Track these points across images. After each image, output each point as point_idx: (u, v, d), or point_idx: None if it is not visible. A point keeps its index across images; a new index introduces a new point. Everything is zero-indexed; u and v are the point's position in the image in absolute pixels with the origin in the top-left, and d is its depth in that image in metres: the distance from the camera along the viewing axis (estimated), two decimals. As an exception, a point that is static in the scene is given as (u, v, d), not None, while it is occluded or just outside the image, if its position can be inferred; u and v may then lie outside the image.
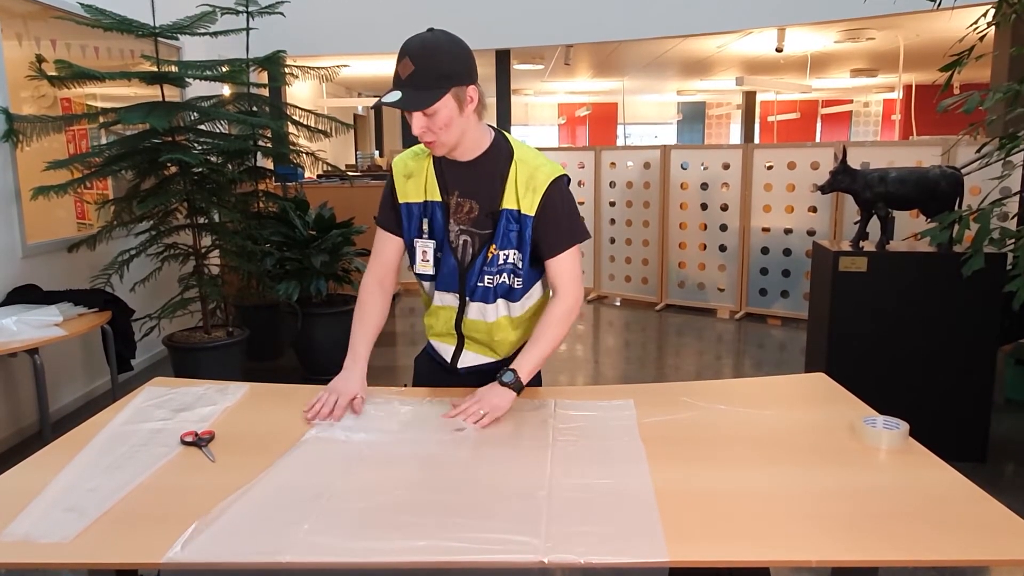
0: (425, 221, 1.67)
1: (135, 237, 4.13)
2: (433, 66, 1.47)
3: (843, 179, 3.17)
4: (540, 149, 1.93)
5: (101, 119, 3.65)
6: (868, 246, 3.23)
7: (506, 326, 1.72)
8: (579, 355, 5.05)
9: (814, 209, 5.70)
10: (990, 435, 3.18)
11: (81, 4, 3.57)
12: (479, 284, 1.66)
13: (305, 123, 4.52)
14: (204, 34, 3.80)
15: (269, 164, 5.34)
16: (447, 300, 1.72)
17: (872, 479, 1.30)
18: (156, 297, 4.38)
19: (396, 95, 1.47)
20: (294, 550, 1.08)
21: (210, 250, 4.10)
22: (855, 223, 3.40)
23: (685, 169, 6.23)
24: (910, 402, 3.14)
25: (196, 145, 3.89)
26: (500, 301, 1.69)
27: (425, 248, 1.68)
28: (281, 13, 4.28)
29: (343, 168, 6.30)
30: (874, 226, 3.21)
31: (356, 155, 11.39)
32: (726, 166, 6.03)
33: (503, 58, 6.87)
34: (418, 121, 1.50)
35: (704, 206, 6.17)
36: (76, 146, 4.12)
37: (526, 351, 1.66)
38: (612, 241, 6.72)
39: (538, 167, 1.62)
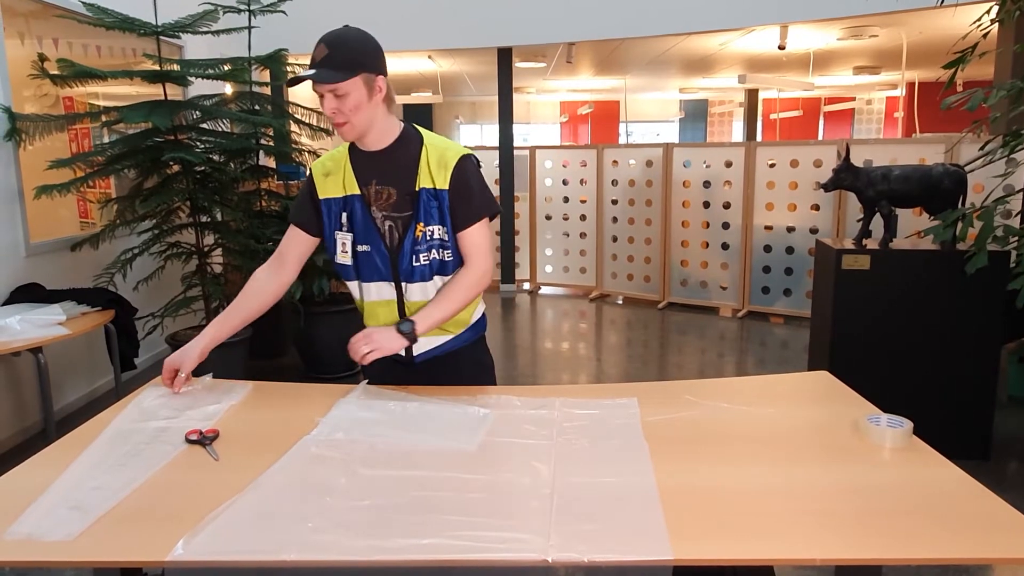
0: (344, 215, 1.75)
1: (138, 236, 4.13)
2: (345, 52, 1.61)
3: (846, 177, 3.17)
4: (541, 148, 1.93)
5: (103, 118, 3.65)
6: (871, 244, 3.22)
7: None
8: (581, 353, 5.05)
9: (817, 207, 5.69)
10: (994, 433, 3.18)
11: (83, 3, 3.57)
12: (414, 264, 1.72)
13: (307, 121, 4.52)
14: (206, 32, 3.80)
15: (271, 163, 5.34)
16: (383, 292, 1.76)
17: (876, 477, 1.29)
18: (159, 296, 4.38)
19: (312, 72, 1.60)
20: (297, 548, 1.08)
21: (213, 249, 4.10)
22: (858, 221, 3.39)
23: (687, 167, 6.22)
24: (913, 400, 3.13)
25: (198, 144, 3.89)
26: (436, 277, 1.75)
27: (344, 240, 1.76)
28: (283, 11, 4.28)
29: (345, 166, 6.28)
30: (877, 224, 3.21)
31: (358, 153, 11.38)
32: (728, 164, 6.02)
33: (505, 56, 6.87)
34: (329, 102, 1.63)
35: (706, 204, 6.16)
36: (79, 145, 4.12)
37: (428, 307, 1.73)
38: (614, 239, 6.71)
39: (447, 147, 1.74)
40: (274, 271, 1.87)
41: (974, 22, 3.10)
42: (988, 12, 3.05)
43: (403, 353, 1.80)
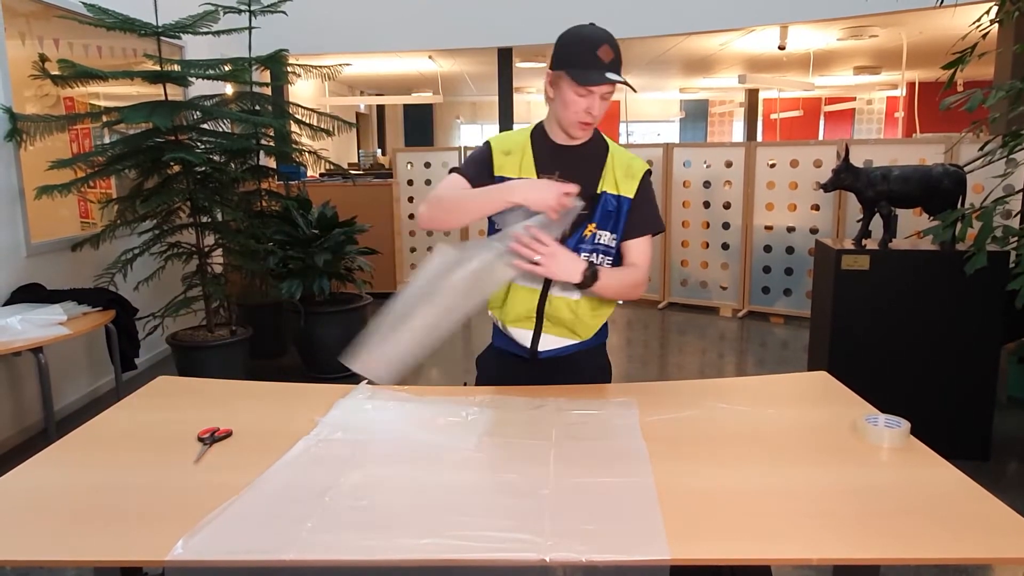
0: None
1: (138, 236, 4.14)
2: (620, 59, 1.64)
3: (846, 177, 3.17)
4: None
5: (104, 118, 3.65)
6: (871, 244, 3.22)
7: (587, 306, 1.75)
8: (581, 353, 5.04)
9: (817, 207, 5.69)
10: (993, 433, 3.18)
11: (84, 3, 3.58)
12: None
13: (308, 122, 4.52)
14: (207, 33, 3.80)
15: (272, 163, 5.35)
16: (529, 280, 1.72)
17: (874, 477, 1.30)
18: (160, 296, 4.38)
19: (616, 76, 1.61)
20: (297, 548, 1.08)
21: (213, 249, 4.10)
22: (858, 221, 3.39)
23: (687, 167, 6.22)
24: (912, 400, 3.13)
25: (199, 144, 3.90)
26: None
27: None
28: (283, 12, 4.28)
29: (346, 167, 6.31)
30: (877, 224, 3.21)
31: (359, 153, 11.40)
32: (729, 164, 6.02)
33: (505, 56, 6.87)
34: (598, 105, 1.63)
35: (707, 204, 6.17)
36: (79, 145, 4.13)
37: (610, 272, 1.70)
38: (614, 239, 6.71)
39: (632, 158, 1.77)
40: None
41: (973, 23, 3.11)
42: (987, 13, 3.05)
43: (526, 346, 1.79)
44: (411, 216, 7.36)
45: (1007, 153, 3.00)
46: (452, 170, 1.75)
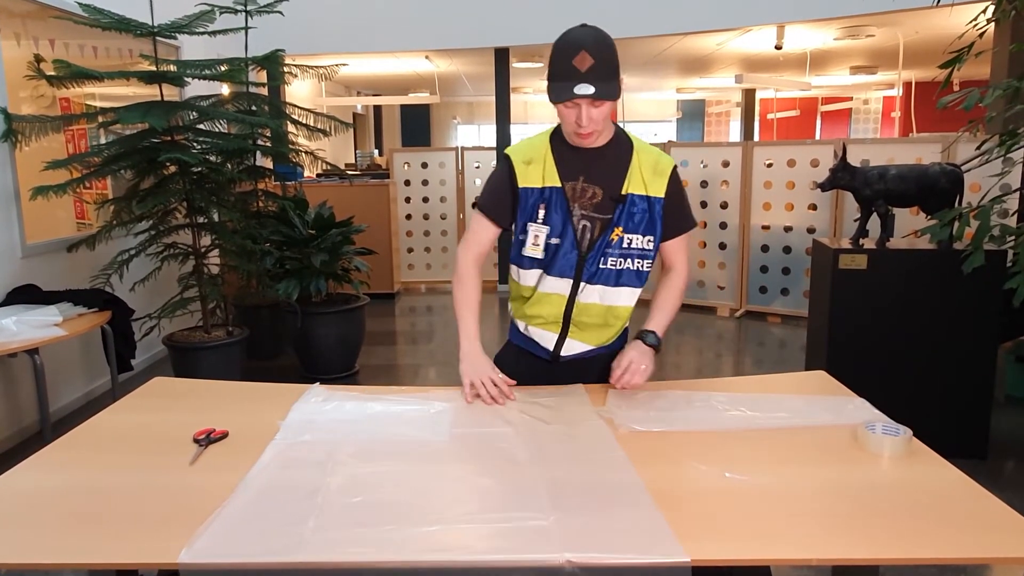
0: (542, 206, 1.69)
1: (134, 237, 4.13)
2: (608, 58, 1.54)
3: (843, 176, 3.17)
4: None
5: (100, 119, 3.64)
6: (868, 243, 3.22)
7: (614, 313, 1.76)
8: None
9: (814, 207, 5.69)
10: (991, 432, 3.18)
11: (79, 3, 3.57)
12: (601, 267, 1.70)
13: (304, 122, 4.51)
14: (202, 33, 3.79)
15: (268, 163, 5.34)
16: (558, 287, 1.73)
17: (873, 476, 1.29)
18: (156, 297, 4.37)
19: (588, 87, 1.51)
20: (308, 548, 1.07)
21: (210, 249, 4.09)
22: (855, 220, 3.39)
23: (685, 167, 6.22)
24: (910, 399, 3.14)
25: (195, 144, 3.89)
26: (624, 286, 1.73)
27: (538, 233, 1.70)
28: (280, 12, 4.27)
29: (342, 167, 6.30)
30: (874, 223, 3.21)
31: (355, 154, 11.38)
32: (726, 164, 6.02)
33: (502, 56, 6.86)
34: (586, 114, 1.56)
35: (704, 204, 6.17)
36: (75, 146, 4.12)
37: (658, 315, 1.77)
38: (612, 239, 6.71)
39: (659, 154, 1.73)
40: (474, 259, 1.80)
41: (970, 21, 3.11)
42: (984, 12, 3.05)
43: (550, 348, 1.80)
44: (408, 216, 7.35)
45: (1004, 152, 3.00)
46: (475, 204, 1.78)
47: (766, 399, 1.66)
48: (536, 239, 1.70)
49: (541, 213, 1.68)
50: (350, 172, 7.64)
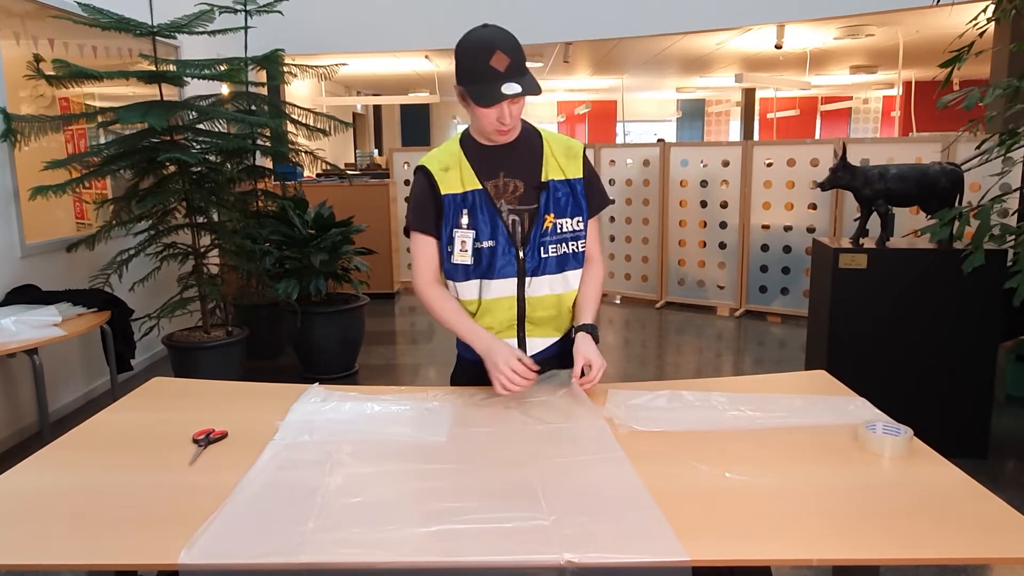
0: (465, 212, 1.68)
1: (134, 237, 4.12)
2: (520, 56, 1.58)
3: (843, 176, 3.17)
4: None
5: (99, 118, 3.64)
6: (868, 243, 3.22)
7: (567, 298, 1.76)
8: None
9: (814, 206, 5.69)
10: (991, 431, 3.18)
11: (79, 3, 3.56)
12: (542, 256, 1.70)
13: (304, 122, 4.51)
14: (202, 33, 3.79)
15: (268, 163, 5.34)
16: (503, 289, 1.71)
17: (873, 476, 1.29)
18: (155, 297, 4.37)
19: (515, 86, 1.54)
20: (308, 549, 1.07)
21: (209, 249, 4.09)
22: (855, 220, 3.39)
23: (684, 166, 6.22)
24: (910, 398, 3.14)
25: (195, 144, 3.88)
26: (568, 272, 1.74)
27: (464, 238, 1.68)
28: (279, 12, 4.27)
29: (342, 167, 6.29)
30: (874, 223, 3.21)
31: (355, 154, 11.39)
32: (726, 163, 6.02)
33: (502, 56, 6.85)
34: (508, 111, 1.59)
35: (704, 203, 6.17)
36: (75, 146, 4.11)
37: (588, 308, 1.75)
38: (612, 239, 6.71)
39: (567, 139, 1.77)
40: (433, 278, 1.75)
41: (970, 21, 3.11)
42: (984, 11, 3.05)
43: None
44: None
45: (1004, 151, 3.00)
46: (406, 229, 1.75)
47: (766, 399, 1.66)
48: (463, 244, 1.68)
49: (465, 219, 1.68)
50: (350, 172, 7.63)
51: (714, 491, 1.24)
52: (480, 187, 1.68)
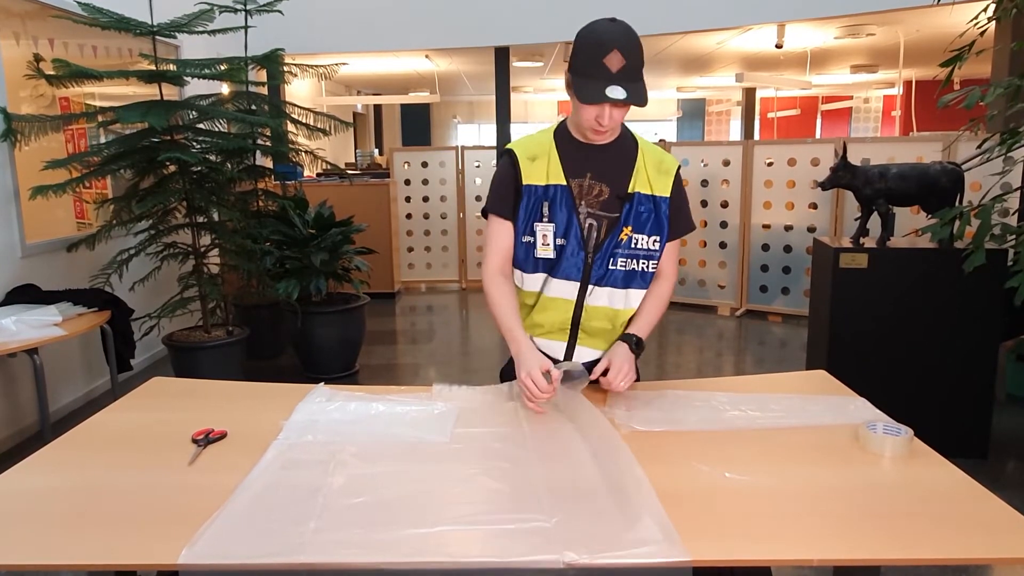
0: (545, 204, 1.65)
1: (134, 236, 4.12)
2: (637, 59, 1.51)
3: (843, 175, 3.17)
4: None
5: (99, 118, 3.64)
6: (869, 242, 3.22)
7: (624, 316, 1.72)
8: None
9: (814, 206, 5.69)
10: (992, 431, 3.18)
11: (79, 3, 3.56)
12: (610, 268, 1.66)
13: (304, 121, 4.50)
14: (202, 32, 3.78)
15: (268, 163, 5.33)
16: (564, 291, 1.68)
17: (874, 476, 1.29)
18: (156, 296, 4.37)
19: (620, 91, 1.47)
20: (308, 549, 1.07)
21: (209, 249, 4.09)
22: (856, 219, 3.39)
23: (685, 166, 6.22)
24: (911, 398, 3.14)
25: (195, 144, 3.88)
26: (631, 289, 1.69)
27: (545, 232, 1.65)
28: (279, 11, 4.27)
29: (342, 166, 6.30)
30: (875, 222, 3.21)
31: (356, 153, 11.38)
32: (726, 163, 6.02)
33: (502, 55, 6.85)
34: (608, 114, 1.53)
35: (704, 203, 6.16)
36: (75, 145, 4.11)
37: (642, 320, 1.70)
38: (612, 238, 6.70)
39: (663, 153, 1.71)
40: (499, 268, 1.71)
41: (971, 20, 3.10)
42: (985, 10, 3.05)
43: (559, 359, 1.73)
44: (408, 216, 7.34)
45: (1005, 151, 3.00)
46: (485, 211, 1.72)
47: (767, 399, 1.66)
48: (545, 239, 1.65)
49: (546, 211, 1.64)
50: (350, 171, 7.63)
51: (714, 491, 1.24)
52: (564, 183, 1.64)
